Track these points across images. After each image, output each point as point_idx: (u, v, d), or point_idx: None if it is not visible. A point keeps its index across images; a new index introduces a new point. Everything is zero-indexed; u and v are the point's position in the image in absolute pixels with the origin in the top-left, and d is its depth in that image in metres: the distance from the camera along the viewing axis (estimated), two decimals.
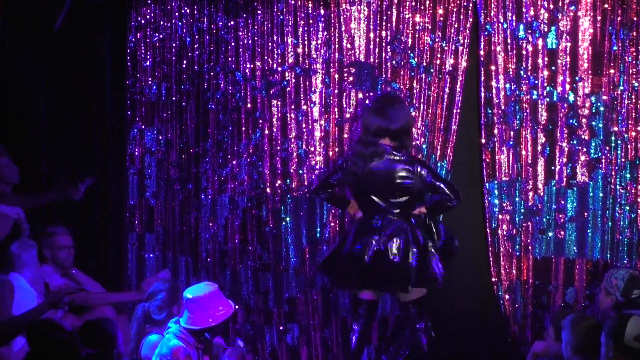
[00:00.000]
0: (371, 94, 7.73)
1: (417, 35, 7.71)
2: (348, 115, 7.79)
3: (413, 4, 7.69)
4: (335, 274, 7.01)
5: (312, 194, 7.44)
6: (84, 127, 7.88)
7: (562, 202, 7.68)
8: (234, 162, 7.84)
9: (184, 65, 7.79)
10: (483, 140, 7.73)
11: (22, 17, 7.78)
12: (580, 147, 7.64)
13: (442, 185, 6.89)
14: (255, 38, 7.76)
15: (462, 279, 7.49)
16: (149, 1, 7.76)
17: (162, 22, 7.79)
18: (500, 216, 7.71)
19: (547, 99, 7.67)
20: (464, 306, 7.73)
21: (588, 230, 7.66)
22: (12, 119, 7.86)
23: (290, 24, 7.75)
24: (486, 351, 7.74)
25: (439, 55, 7.71)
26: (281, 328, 7.84)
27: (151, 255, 7.84)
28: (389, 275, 6.83)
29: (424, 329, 7.04)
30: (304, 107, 7.81)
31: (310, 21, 7.74)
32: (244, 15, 7.74)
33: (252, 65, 7.79)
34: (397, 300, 7.13)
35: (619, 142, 7.60)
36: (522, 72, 7.68)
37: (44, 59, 7.85)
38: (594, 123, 7.63)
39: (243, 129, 7.83)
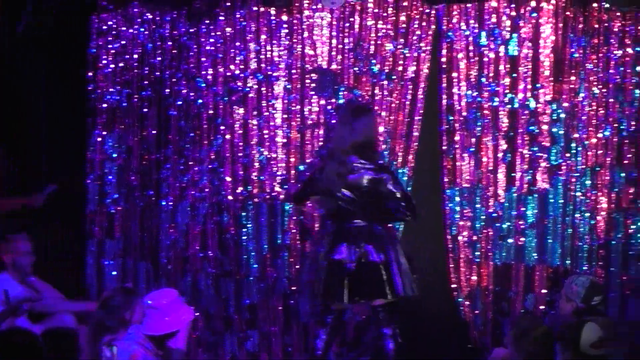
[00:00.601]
0: (333, 100, 7.67)
1: (379, 42, 7.65)
2: (310, 122, 7.71)
3: (375, 11, 7.63)
4: (323, 288, 6.88)
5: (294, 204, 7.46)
6: (43, 133, 7.75)
7: (522, 209, 7.65)
8: (195, 169, 7.71)
9: (146, 72, 7.65)
10: (444, 147, 7.69)
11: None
12: (540, 154, 7.63)
13: (399, 196, 6.81)
14: (218, 44, 7.65)
15: (422, 285, 7.26)
16: (111, 7, 7.62)
17: (123, 28, 7.65)
18: (460, 222, 7.68)
19: (508, 106, 7.65)
20: (423, 312, 7.61)
21: (548, 237, 7.64)
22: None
23: (252, 30, 7.64)
24: (446, 357, 7.66)
25: (400, 62, 7.67)
26: (241, 335, 7.73)
27: (111, 262, 7.68)
28: (372, 281, 6.75)
29: (392, 335, 6.94)
30: (266, 114, 7.70)
31: (273, 27, 7.65)
32: (206, 22, 7.62)
33: (213, 72, 7.67)
34: (367, 304, 7.08)
35: (579, 148, 7.61)
36: (483, 79, 7.65)
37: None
38: (554, 130, 7.62)
39: (204, 135, 7.70)
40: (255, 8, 7.63)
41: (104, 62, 7.67)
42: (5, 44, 7.71)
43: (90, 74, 7.65)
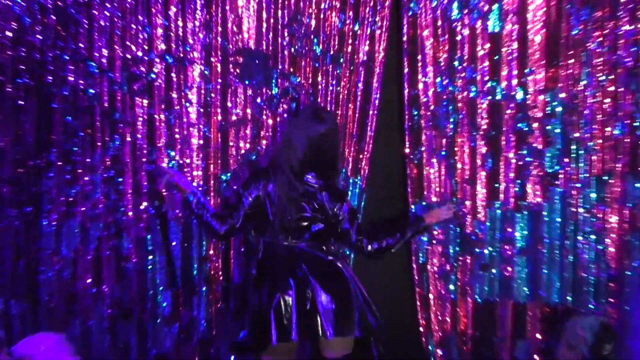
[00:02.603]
0: (265, 90, 6.24)
1: (322, 16, 6.26)
2: (235, 118, 6.23)
3: None
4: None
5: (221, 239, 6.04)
6: None
7: (510, 230, 6.36)
8: (86, 179, 6.20)
9: (22, 53, 6.10)
10: (407, 150, 6.35)
11: None
12: (532, 159, 6.32)
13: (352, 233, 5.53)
14: (115, 19, 6.15)
15: (382, 329, 5.93)
16: None
17: None
18: (429, 248, 6.42)
19: (490, 97, 6.34)
20: None
21: (543, 266, 6.35)
22: None
23: (159, 0, 6.16)
24: None
25: (350, 42, 6.28)
26: None
27: None
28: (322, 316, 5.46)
29: None
30: (177, 107, 6.23)
31: None
32: None
33: (110, 53, 6.19)
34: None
35: (582, 152, 6.32)
36: (456, 63, 6.32)
37: None
38: (549, 127, 6.32)
39: (98, 135, 6.19)
40: None
41: None
42: None
43: None
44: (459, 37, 6.27)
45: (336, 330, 5.32)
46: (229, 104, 6.26)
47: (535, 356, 6.30)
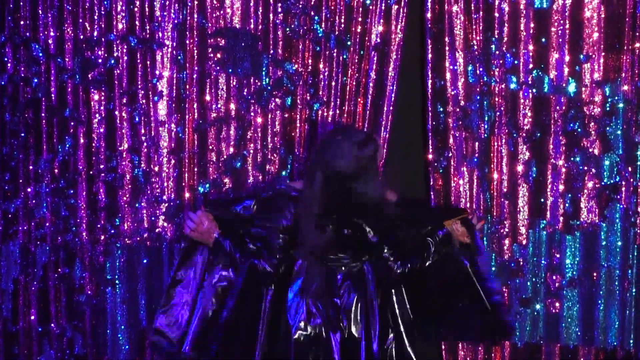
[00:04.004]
0: (253, 80, 5.11)
1: None
2: (215, 115, 5.14)
3: None
4: None
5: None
6: None
7: (558, 256, 5.29)
8: (29, 190, 5.23)
9: None
10: (431, 156, 5.25)
11: None
12: (586, 168, 5.23)
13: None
14: None
15: None
16: None
17: None
18: None
19: (534, 90, 5.22)
20: None
21: (599, 301, 5.27)
22: None
23: None
24: None
25: (360, 19, 5.16)
26: None
27: None
28: None
29: None
30: (143, 102, 5.17)
31: None
32: None
33: (57, 33, 5.16)
34: None
35: None
36: (493, 47, 5.18)
37: None
38: (608, 129, 5.22)
39: (44, 136, 5.21)
40: None
41: None
42: None
43: None
44: (496, 15, 5.14)
45: None
46: (208, 98, 5.24)
47: None
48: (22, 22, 5.09)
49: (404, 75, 5.27)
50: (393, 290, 4.58)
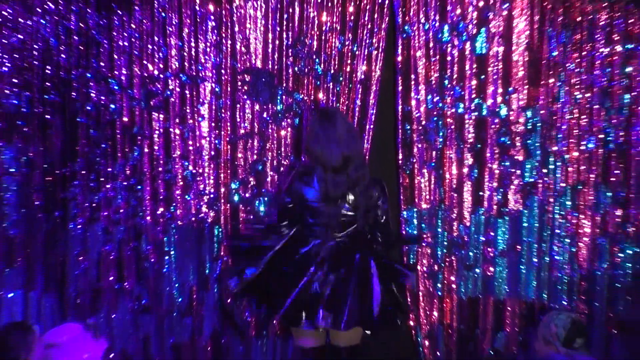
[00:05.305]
0: (270, 106, 6.15)
1: (323, 38, 6.14)
2: (242, 131, 6.17)
3: (319, 0, 6.10)
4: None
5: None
6: None
7: (492, 234, 6.31)
8: (108, 186, 6.13)
9: (49, 72, 6.02)
10: (400, 161, 6.26)
11: None
12: (513, 170, 6.29)
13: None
14: (133, 39, 6.04)
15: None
16: None
17: (22, 20, 6.00)
18: (419, 249, 6.32)
19: (475, 113, 6.25)
20: (378, 353, 6.33)
21: (521, 266, 6.32)
22: None
23: (174, 22, 6.04)
24: None
25: (349, 61, 6.16)
26: None
27: (11, 295, 6.10)
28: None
29: None
30: (191, 122, 6.15)
31: (198, 20, 6.08)
32: (119, 12, 6.00)
33: (129, 72, 6.08)
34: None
35: (559, 163, 6.26)
36: (446, 82, 6.19)
37: None
38: (529, 141, 6.28)
39: (119, 146, 6.12)
40: None
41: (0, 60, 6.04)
42: None
43: None
44: (448, 58, 6.16)
45: (348, 324, 5.23)
46: (238, 119, 6.19)
47: (513, 347, 6.32)
48: (102, 64, 6.02)
49: (381, 103, 6.22)
50: None
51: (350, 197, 5.33)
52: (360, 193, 5.34)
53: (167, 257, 6.26)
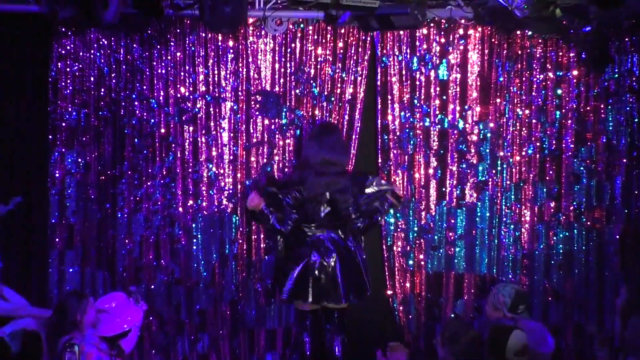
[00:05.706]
0: (277, 120, 7.39)
1: (319, 67, 7.38)
2: (255, 140, 7.40)
3: (315, 37, 7.36)
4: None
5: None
6: (8, 150, 7.34)
7: (452, 221, 7.46)
8: (149, 183, 7.32)
9: (102, 93, 7.28)
10: (380, 164, 7.41)
11: None
12: (469, 171, 7.42)
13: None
14: (169, 68, 7.29)
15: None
16: (70, 33, 7.25)
17: (81, 53, 7.26)
18: (395, 234, 7.46)
19: (439, 126, 7.41)
20: (362, 317, 7.38)
21: (476, 247, 7.46)
22: None
23: (201, 54, 7.30)
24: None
25: (339, 85, 7.38)
26: (192, 337, 7.43)
27: (71, 270, 7.33)
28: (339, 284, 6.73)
29: (341, 341, 6.83)
30: (214, 132, 7.34)
31: (220, 53, 7.31)
32: (158, 47, 7.28)
33: (165, 93, 7.29)
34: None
35: (505, 166, 7.41)
36: (415, 101, 7.39)
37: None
38: (481, 148, 7.41)
39: (157, 152, 7.32)
40: (203, 34, 7.31)
41: (64, 84, 7.31)
42: None
43: (51, 95, 7.31)
44: (417, 83, 7.36)
45: (345, 297, 6.58)
46: (252, 130, 7.40)
47: (470, 312, 7.38)
48: (144, 87, 7.25)
49: (364, 118, 7.37)
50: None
51: (327, 195, 6.68)
52: (335, 192, 6.69)
53: (194, 240, 7.48)
